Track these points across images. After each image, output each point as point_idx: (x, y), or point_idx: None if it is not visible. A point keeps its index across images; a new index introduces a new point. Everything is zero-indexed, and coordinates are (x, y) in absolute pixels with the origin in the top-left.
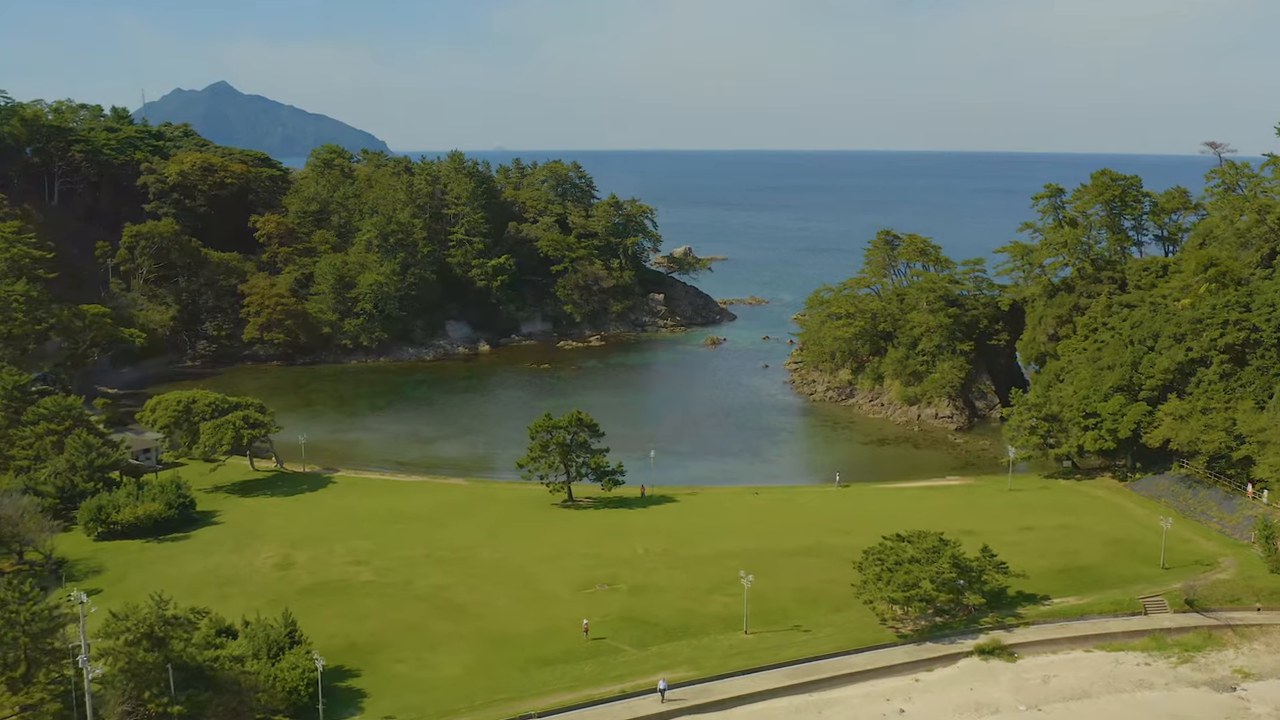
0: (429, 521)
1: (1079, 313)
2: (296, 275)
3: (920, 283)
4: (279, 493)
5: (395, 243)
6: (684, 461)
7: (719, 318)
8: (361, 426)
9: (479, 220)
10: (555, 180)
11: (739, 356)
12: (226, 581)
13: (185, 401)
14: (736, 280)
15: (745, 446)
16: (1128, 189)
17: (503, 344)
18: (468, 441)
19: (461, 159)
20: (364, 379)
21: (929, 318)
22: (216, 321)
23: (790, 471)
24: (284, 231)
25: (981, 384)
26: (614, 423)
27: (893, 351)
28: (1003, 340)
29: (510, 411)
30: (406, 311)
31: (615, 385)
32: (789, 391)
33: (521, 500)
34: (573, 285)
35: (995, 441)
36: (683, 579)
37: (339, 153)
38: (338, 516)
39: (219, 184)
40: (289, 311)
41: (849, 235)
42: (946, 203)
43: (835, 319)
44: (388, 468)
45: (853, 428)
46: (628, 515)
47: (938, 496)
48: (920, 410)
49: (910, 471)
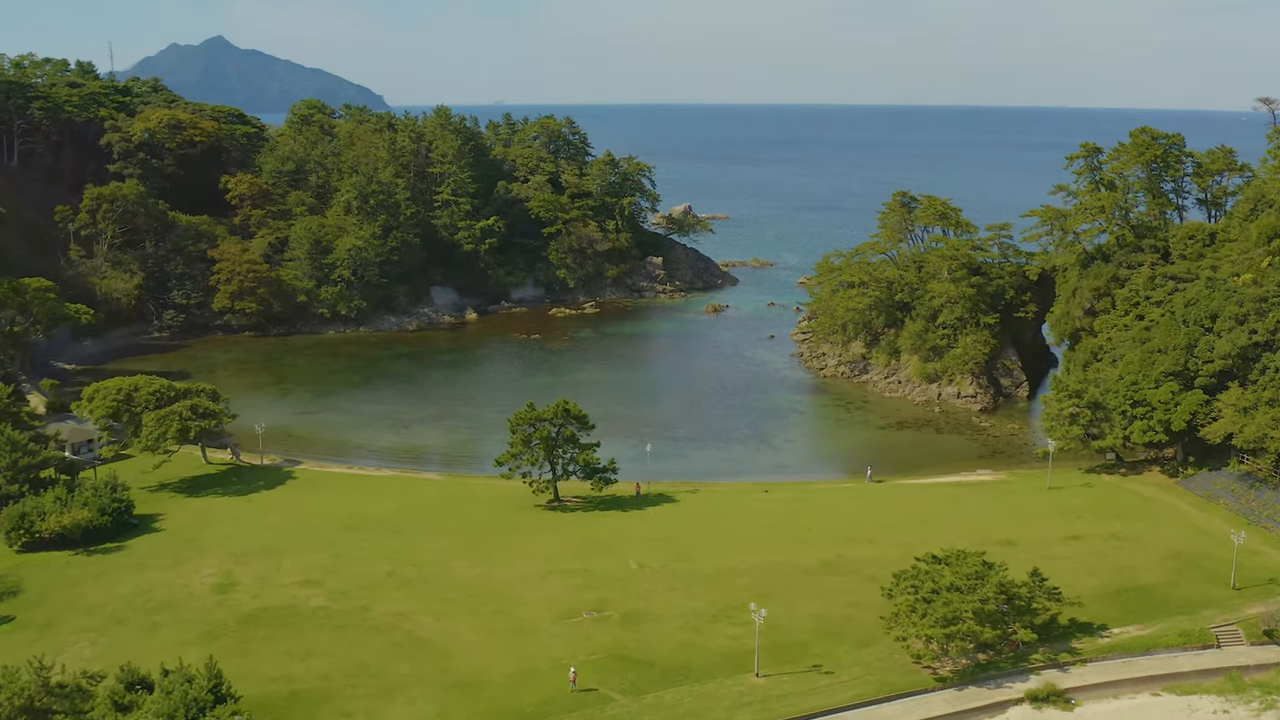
0: (395, 529)
1: (1118, 285)
2: (271, 240)
3: (941, 249)
4: (231, 491)
5: (376, 204)
6: (684, 449)
7: (721, 282)
8: (333, 407)
9: (466, 180)
10: (548, 136)
11: (743, 325)
12: (158, 607)
13: (126, 389)
14: (738, 241)
15: (751, 431)
16: (1169, 148)
17: (491, 311)
18: (447, 426)
19: (448, 114)
20: (340, 351)
21: (950, 287)
22: (185, 290)
23: (802, 461)
24: (257, 193)
25: (1007, 360)
26: (608, 402)
27: (910, 324)
28: (1030, 313)
29: (495, 390)
30: (388, 278)
31: (610, 359)
32: (797, 366)
33: (502, 501)
34: (566, 248)
35: (1024, 425)
36: (683, 603)
37: (319, 108)
38: (293, 522)
39: (188, 142)
40: (261, 279)
41: (851, 192)
42: (952, 158)
43: (847, 287)
44: (357, 458)
45: (867, 408)
46: (621, 519)
47: (969, 496)
48: (941, 389)
49: (934, 461)
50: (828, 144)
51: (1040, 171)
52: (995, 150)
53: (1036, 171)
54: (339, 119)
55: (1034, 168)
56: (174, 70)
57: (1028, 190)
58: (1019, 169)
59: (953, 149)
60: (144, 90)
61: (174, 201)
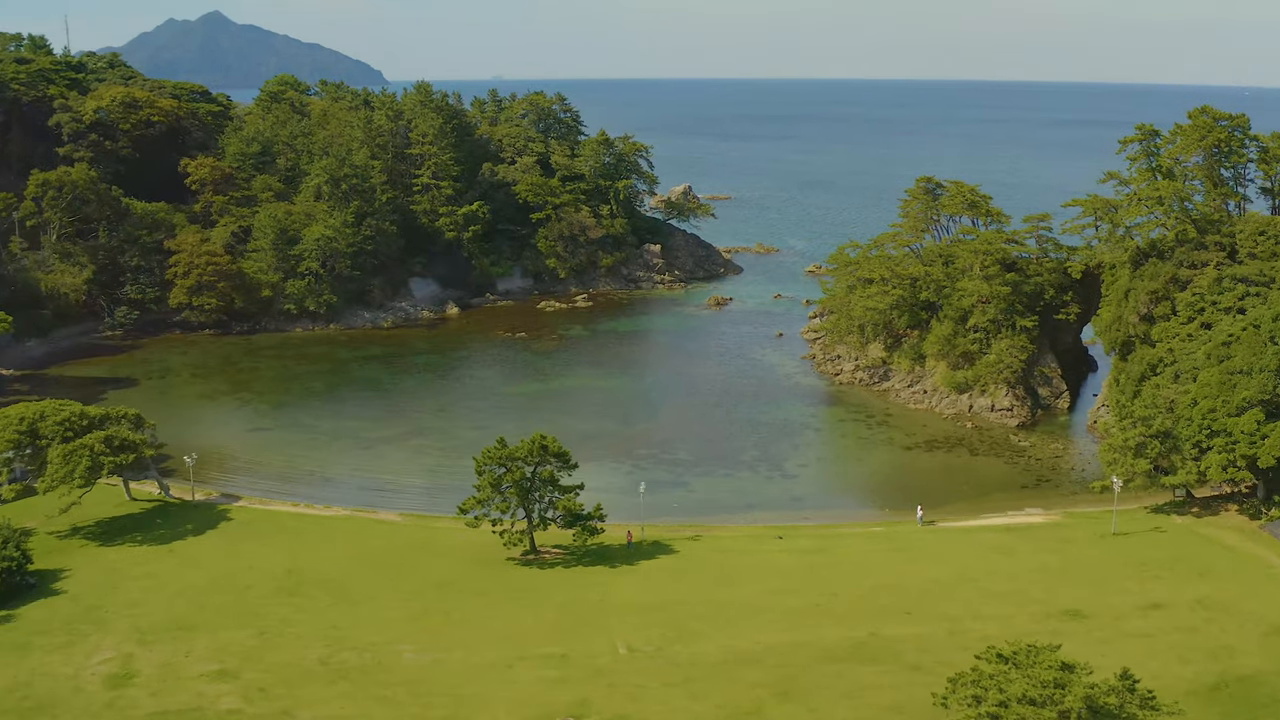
0: (338, 591)
1: (1178, 287)
2: (234, 229)
3: (973, 243)
4: (152, 538)
5: (349, 189)
6: (684, 475)
7: (723, 270)
8: (290, 421)
9: (448, 161)
10: (537, 115)
11: (748, 321)
12: (35, 708)
13: (30, 418)
14: (742, 224)
15: (761, 453)
16: (1233, 131)
17: (475, 305)
18: (414, 447)
19: (429, 90)
20: (307, 353)
21: (983, 285)
22: (139, 284)
23: (819, 493)
24: (219, 177)
25: (1045, 367)
26: (598, 415)
27: (937, 326)
28: (1072, 315)
29: (472, 400)
30: (361, 270)
31: (602, 361)
32: (809, 370)
33: (468, 552)
34: (556, 235)
35: (1067, 444)
36: (683, 705)
37: (292, 84)
38: (218, 581)
39: (144, 122)
40: (221, 272)
41: (855, 171)
42: (952, 134)
43: (865, 284)
44: (307, 488)
45: (890, 423)
46: (608, 579)
47: (1021, 545)
48: (972, 400)
49: (971, 491)
50: (826, 120)
51: (1041, 148)
52: (993, 126)
53: (1037, 148)
54: (315, 96)
55: (1035, 145)
56: (171, 46)
57: (1031, 169)
58: (1020, 146)
59: (952, 125)
60: (100, 66)
61: (129, 187)
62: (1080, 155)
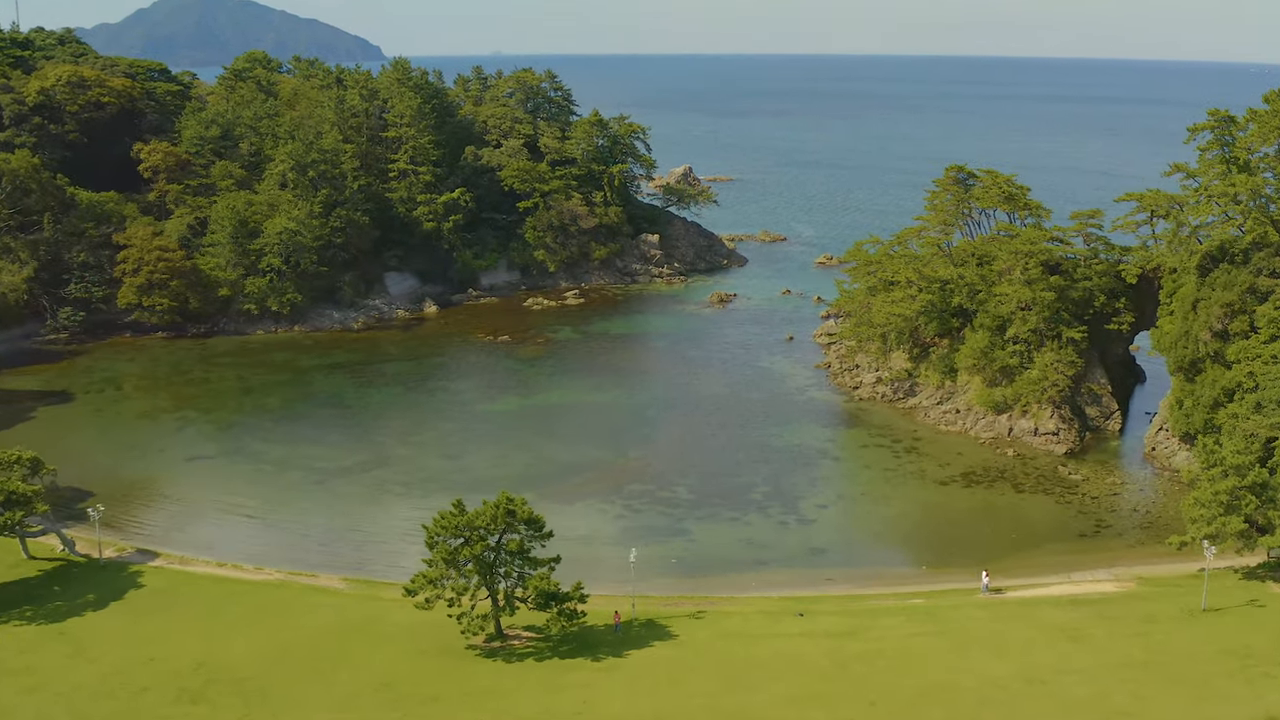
0: (255, 698)
1: (1257, 299)
2: (190, 220)
3: (1015, 242)
4: (43, 615)
5: (317, 176)
6: (684, 520)
7: (726, 262)
8: (235, 447)
9: (427, 145)
10: (525, 93)
11: (754, 321)
12: None
13: None
14: (745, 207)
15: (773, 489)
16: None
17: (455, 302)
18: (371, 483)
19: (407, 67)
20: (265, 360)
21: (1024, 290)
22: (85, 283)
23: (844, 544)
24: (174, 164)
25: (1094, 383)
26: (585, 441)
27: (971, 336)
28: (1125, 324)
29: (444, 421)
30: (329, 265)
31: (592, 371)
32: (824, 383)
33: (421, 635)
34: (545, 225)
35: (1124, 477)
36: None
37: (262, 60)
38: (106, 684)
39: (94, 104)
40: (174, 268)
41: (856, 149)
42: (963, 112)
43: (889, 286)
44: (241, 540)
45: (919, 450)
46: (591, 680)
47: (1094, 628)
48: (1012, 421)
49: (1021, 540)
50: (827, 96)
51: (1038, 122)
52: (993, 103)
53: (1035, 123)
54: (287, 73)
55: (1034, 120)
56: (167, 22)
57: (1041, 146)
58: (1019, 121)
59: (954, 101)
60: (49, 43)
61: (77, 176)
62: (1091, 133)
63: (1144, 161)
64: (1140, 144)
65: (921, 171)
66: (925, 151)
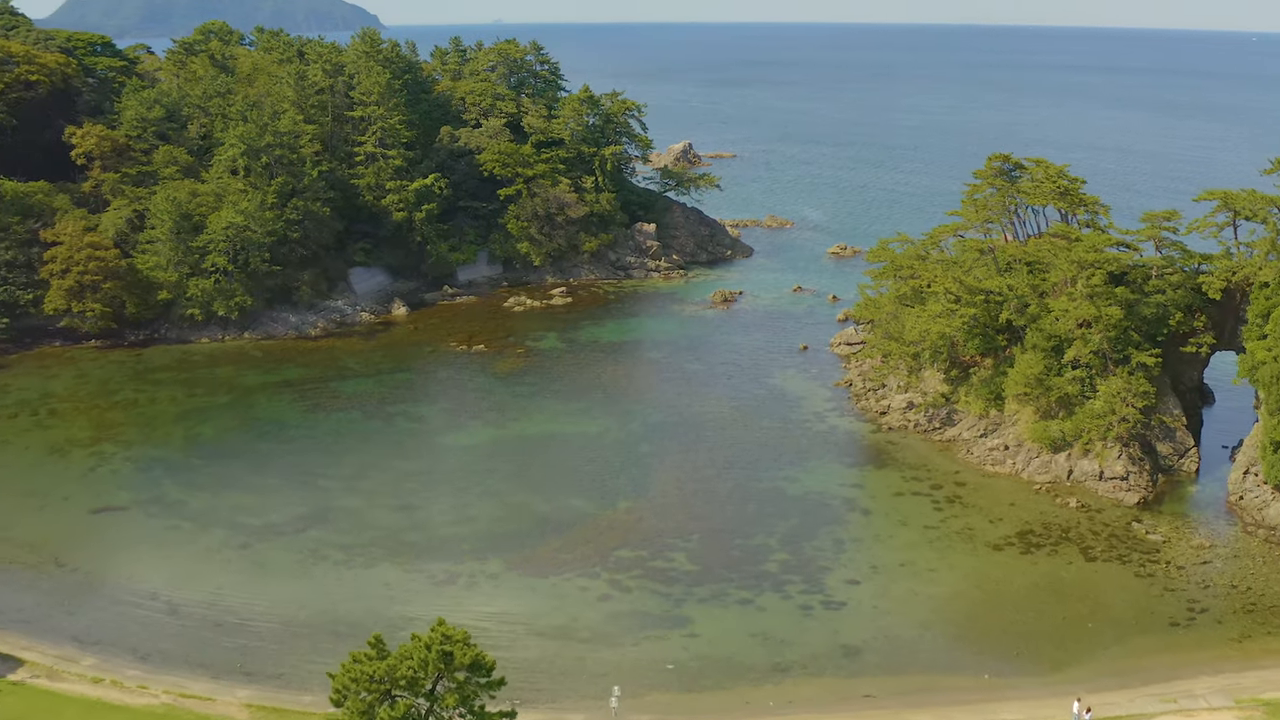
0: None
1: None
2: (128, 213)
3: (1077, 248)
4: None
5: (273, 161)
6: (682, 601)
7: (729, 252)
8: (152, 495)
9: (397, 125)
10: (508, 67)
11: (763, 325)
12: None
13: None
14: (749, 189)
15: (792, 555)
16: None
17: (430, 301)
18: (308, 547)
19: (376, 38)
20: (206, 377)
21: (1085, 306)
22: (9, 285)
23: (882, 639)
24: (113, 149)
25: (1167, 415)
26: (565, 487)
27: (1021, 358)
28: (1205, 347)
29: (402, 461)
30: (285, 264)
31: (578, 392)
32: (845, 405)
33: None
34: (529, 214)
35: (1211, 536)
36: None
37: (219, 32)
38: None
39: (22, 82)
40: (107, 269)
41: (859, 121)
42: (967, 80)
43: (922, 294)
44: (131, 637)
45: (964, 499)
46: None
47: None
48: (1073, 462)
49: (1102, 633)
50: (821, 65)
51: (1048, 93)
52: (1003, 71)
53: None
54: (248, 46)
55: (1041, 90)
56: None
57: (1053, 117)
58: (1030, 92)
59: (953, 70)
60: None
61: (2, 164)
62: (1100, 103)
63: (1158, 135)
64: (1162, 117)
65: (931, 146)
66: (928, 122)
